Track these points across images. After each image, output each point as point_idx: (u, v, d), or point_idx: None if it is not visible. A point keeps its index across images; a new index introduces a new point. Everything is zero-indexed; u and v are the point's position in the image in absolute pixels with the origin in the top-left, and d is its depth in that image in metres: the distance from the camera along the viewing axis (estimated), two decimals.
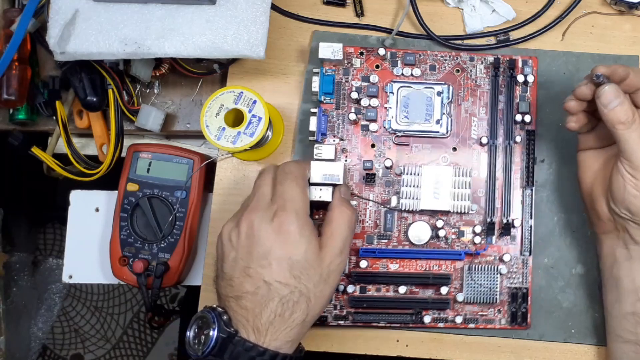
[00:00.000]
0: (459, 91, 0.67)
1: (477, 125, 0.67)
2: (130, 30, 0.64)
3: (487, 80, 0.67)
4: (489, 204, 0.66)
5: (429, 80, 0.67)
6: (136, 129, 0.73)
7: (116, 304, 1.61)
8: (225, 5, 0.64)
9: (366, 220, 0.66)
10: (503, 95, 0.67)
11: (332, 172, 0.60)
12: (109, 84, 0.70)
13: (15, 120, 0.74)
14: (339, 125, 0.67)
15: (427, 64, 0.67)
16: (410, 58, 0.66)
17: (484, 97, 0.67)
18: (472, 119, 0.67)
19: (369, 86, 0.66)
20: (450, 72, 0.67)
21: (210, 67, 0.72)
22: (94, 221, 0.75)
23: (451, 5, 0.72)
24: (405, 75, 0.67)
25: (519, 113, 0.66)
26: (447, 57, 0.67)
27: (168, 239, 0.70)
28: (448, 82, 0.67)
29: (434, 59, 0.67)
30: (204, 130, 0.62)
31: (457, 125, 0.66)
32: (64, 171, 0.73)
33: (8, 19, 0.70)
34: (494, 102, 0.66)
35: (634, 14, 0.71)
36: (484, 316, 0.65)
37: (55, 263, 1.55)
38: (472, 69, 0.67)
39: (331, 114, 0.67)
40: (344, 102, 0.67)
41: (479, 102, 0.67)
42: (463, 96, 0.67)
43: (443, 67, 0.67)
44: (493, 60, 0.67)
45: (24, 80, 0.71)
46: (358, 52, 0.68)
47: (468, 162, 0.66)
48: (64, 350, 1.60)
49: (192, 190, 0.71)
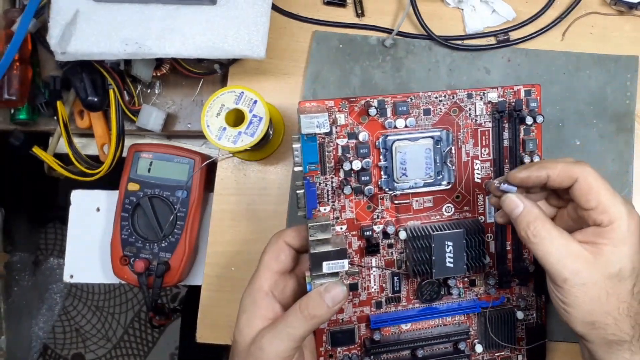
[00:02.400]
0: (458, 134, 0.59)
1: (480, 168, 0.60)
2: (131, 31, 0.64)
3: (488, 117, 0.59)
4: (499, 246, 0.61)
5: (425, 128, 0.58)
6: (137, 129, 0.73)
7: (117, 304, 1.62)
8: (225, 6, 0.64)
9: (371, 287, 0.60)
10: (507, 132, 0.59)
11: (336, 260, 0.51)
12: (110, 84, 0.70)
13: (17, 120, 0.74)
14: (328, 192, 0.57)
15: (420, 108, 0.58)
16: (403, 108, 0.57)
17: (486, 136, 0.60)
18: (474, 162, 0.60)
19: (358, 145, 0.57)
20: (447, 113, 0.58)
21: (211, 67, 0.72)
22: (95, 221, 0.75)
23: (451, 6, 0.72)
24: (398, 127, 0.57)
25: (525, 153, 0.59)
26: (442, 97, 0.58)
27: (169, 239, 0.70)
28: (445, 125, 0.59)
29: (427, 101, 0.58)
30: (204, 130, 0.62)
31: (458, 170, 0.59)
32: (65, 171, 0.73)
33: (9, 19, 0.70)
34: (498, 143, 0.59)
35: (634, 14, 0.71)
36: (500, 356, 0.64)
37: (56, 263, 1.56)
38: (470, 107, 0.59)
39: (317, 180, 0.57)
40: (329, 165, 0.57)
41: (480, 143, 0.60)
42: (463, 139, 0.59)
43: (438, 109, 0.58)
44: (495, 97, 0.59)
45: (25, 81, 0.71)
46: (339, 104, 0.56)
47: (474, 209, 0.61)
48: (65, 349, 1.60)
49: (193, 190, 0.71)
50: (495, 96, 0.59)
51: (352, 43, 0.71)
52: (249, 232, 0.69)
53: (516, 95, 0.60)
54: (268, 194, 0.70)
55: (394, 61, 0.70)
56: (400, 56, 0.70)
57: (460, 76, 0.70)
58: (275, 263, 0.54)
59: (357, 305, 0.61)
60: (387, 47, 0.70)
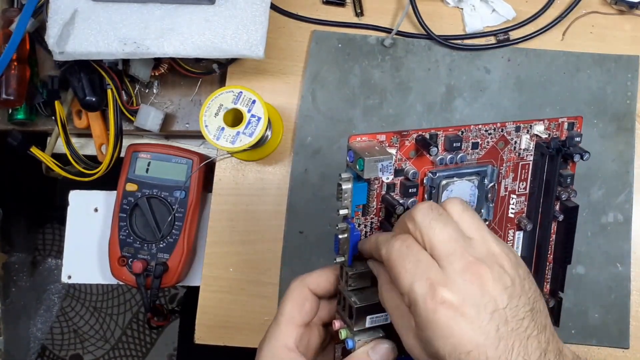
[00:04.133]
0: (500, 168, 0.54)
1: (515, 202, 0.56)
2: (129, 30, 0.63)
3: (532, 151, 0.55)
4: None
5: (471, 163, 0.53)
6: (135, 129, 0.73)
7: (115, 305, 1.61)
8: (224, 5, 0.64)
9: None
10: (546, 167, 0.55)
11: (379, 313, 0.45)
12: (108, 84, 0.70)
13: (14, 120, 0.74)
14: (367, 233, 0.50)
15: (469, 142, 0.53)
16: (458, 144, 0.51)
17: (525, 170, 0.55)
18: (511, 196, 0.56)
19: (405, 183, 0.50)
20: (494, 146, 0.54)
21: (209, 67, 0.72)
22: (93, 221, 0.75)
23: (451, 5, 0.71)
24: (448, 163, 0.51)
25: (562, 188, 0.55)
26: (492, 130, 0.53)
27: (167, 239, 0.70)
28: (491, 159, 0.54)
29: (476, 135, 0.52)
30: (203, 130, 0.62)
31: (495, 205, 0.55)
32: (63, 171, 0.73)
33: (7, 19, 0.70)
34: (536, 177, 0.55)
35: (634, 14, 0.71)
36: None
37: (54, 263, 1.55)
38: (516, 139, 0.54)
39: (357, 221, 0.49)
40: (372, 205, 0.50)
41: (520, 177, 0.56)
42: (504, 173, 0.55)
43: (486, 143, 0.54)
44: (542, 130, 0.54)
45: (22, 80, 0.71)
46: (391, 138, 0.49)
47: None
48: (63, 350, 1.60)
49: (191, 190, 0.70)
50: (542, 129, 0.54)
51: (351, 43, 0.71)
52: (248, 232, 0.69)
53: (560, 128, 0.55)
54: (267, 195, 0.70)
55: (394, 61, 0.70)
56: (400, 56, 0.70)
57: (460, 76, 0.70)
58: (299, 315, 0.46)
59: None
60: (386, 47, 0.70)
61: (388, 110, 0.69)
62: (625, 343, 0.66)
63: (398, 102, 0.70)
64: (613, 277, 0.66)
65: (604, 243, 0.67)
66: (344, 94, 0.70)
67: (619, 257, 0.67)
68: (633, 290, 0.67)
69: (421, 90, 0.70)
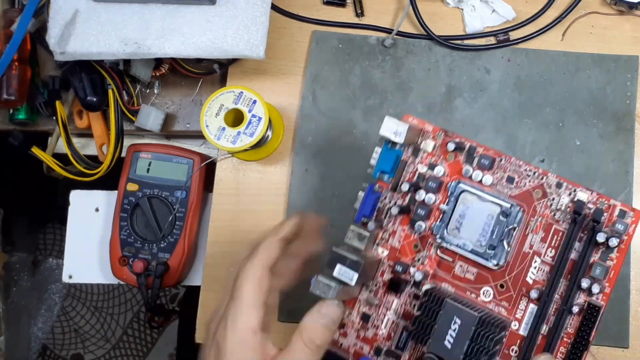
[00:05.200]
0: (530, 219, 0.51)
1: (537, 267, 0.51)
2: (130, 31, 0.64)
3: (568, 217, 0.50)
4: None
5: (500, 193, 0.51)
6: (136, 129, 0.73)
7: (116, 304, 1.61)
8: (225, 5, 0.64)
9: (381, 328, 0.53)
10: (581, 244, 0.49)
11: (349, 270, 0.47)
12: (109, 84, 0.70)
13: (15, 120, 0.74)
14: (390, 210, 0.52)
15: (505, 172, 0.51)
16: (486, 162, 0.51)
17: (558, 237, 0.50)
18: (534, 257, 0.51)
19: (430, 179, 0.52)
20: (529, 191, 0.51)
21: (210, 67, 0.72)
22: (94, 221, 0.75)
23: (451, 5, 0.72)
24: (474, 179, 0.51)
25: (589, 278, 0.48)
26: (531, 173, 0.50)
27: (168, 239, 0.70)
28: (522, 202, 0.51)
29: (514, 169, 0.51)
30: (203, 130, 0.62)
31: (514, 258, 0.51)
32: (64, 171, 0.73)
33: (8, 19, 0.70)
34: (565, 250, 0.49)
35: (634, 14, 0.71)
36: None
37: (55, 263, 1.55)
38: (555, 197, 0.50)
39: (385, 194, 0.52)
40: (402, 184, 0.52)
41: (549, 241, 0.50)
42: (534, 227, 0.51)
43: (522, 183, 0.51)
44: (585, 198, 0.49)
45: (24, 80, 0.71)
46: (436, 132, 0.52)
47: (511, 309, 0.51)
48: (64, 350, 1.60)
49: (192, 190, 0.71)
50: (585, 197, 0.50)
51: (351, 43, 0.71)
52: (248, 232, 0.69)
53: (610, 209, 0.49)
54: (267, 194, 0.70)
55: (394, 61, 0.70)
56: (400, 56, 0.70)
57: (460, 76, 0.70)
58: (260, 296, 0.47)
59: (360, 338, 0.54)
60: (386, 47, 0.70)
61: (388, 110, 0.70)
62: (625, 343, 0.66)
63: (398, 102, 0.70)
64: None
65: None
66: (344, 94, 0.70)
67: None
68: (633, 290, 0.67)
69: (421, 91, 0.70)
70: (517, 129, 0.69)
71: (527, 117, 0.69)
